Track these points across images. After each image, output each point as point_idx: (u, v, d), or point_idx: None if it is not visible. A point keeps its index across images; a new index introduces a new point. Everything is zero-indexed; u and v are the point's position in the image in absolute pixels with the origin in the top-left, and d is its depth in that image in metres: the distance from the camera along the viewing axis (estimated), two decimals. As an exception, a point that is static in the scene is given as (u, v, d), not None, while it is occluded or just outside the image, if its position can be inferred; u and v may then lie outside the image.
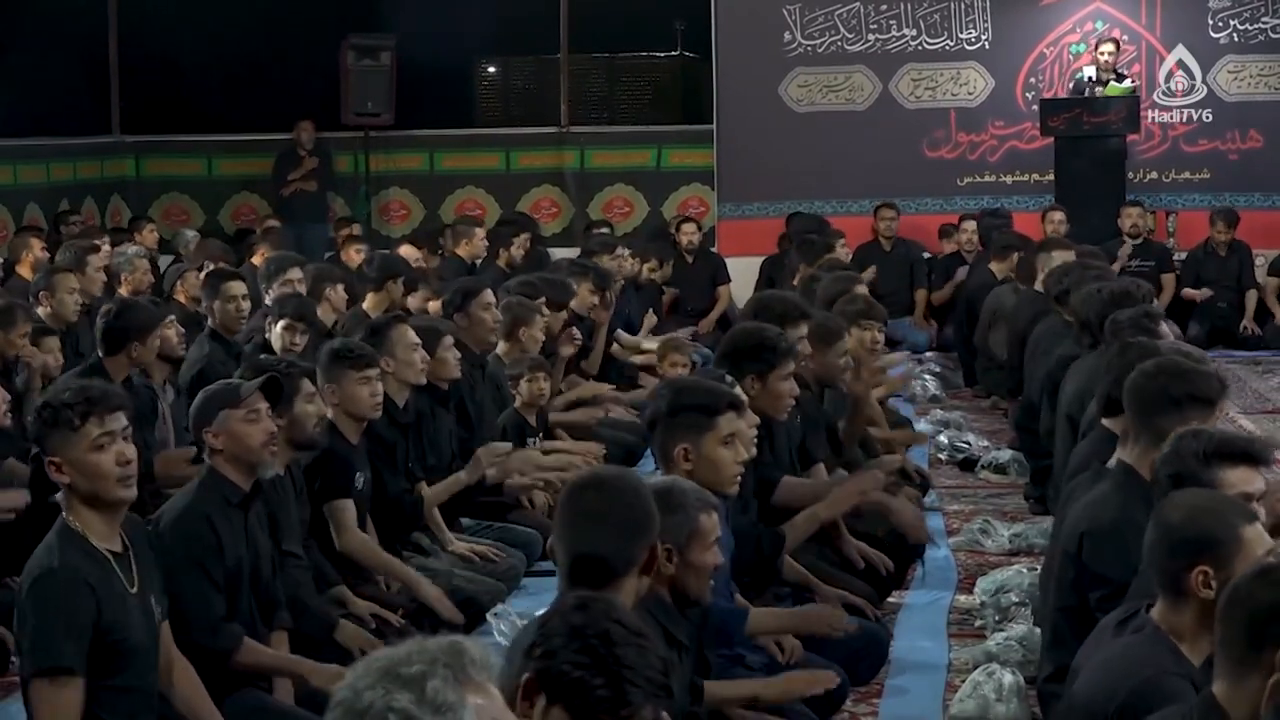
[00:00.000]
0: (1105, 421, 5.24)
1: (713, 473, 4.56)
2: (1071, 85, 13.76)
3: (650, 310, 12.01)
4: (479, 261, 11.77)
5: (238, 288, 7.98)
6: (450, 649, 2.08)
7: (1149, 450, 4.42)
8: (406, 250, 11.41)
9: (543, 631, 2.64)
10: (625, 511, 3.50)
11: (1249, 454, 3.89)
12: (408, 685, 2.03)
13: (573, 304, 9.23)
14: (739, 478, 4.67)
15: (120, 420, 4.05)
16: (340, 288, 8.87)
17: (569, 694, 2.57)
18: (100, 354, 6.92)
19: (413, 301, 9.42)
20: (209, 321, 8.01)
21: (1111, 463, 4.69)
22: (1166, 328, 6.16)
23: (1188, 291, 13.11)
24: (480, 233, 11.95)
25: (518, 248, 11.87)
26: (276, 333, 7.65)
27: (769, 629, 4.86)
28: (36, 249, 10.55)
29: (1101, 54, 13.46)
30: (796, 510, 5.64)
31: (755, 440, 5.03)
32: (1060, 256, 9.11)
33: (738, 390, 5.15)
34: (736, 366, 5.61)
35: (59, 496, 4.06)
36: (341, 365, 5.90)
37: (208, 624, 4.54)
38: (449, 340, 6.87)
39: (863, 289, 8.22)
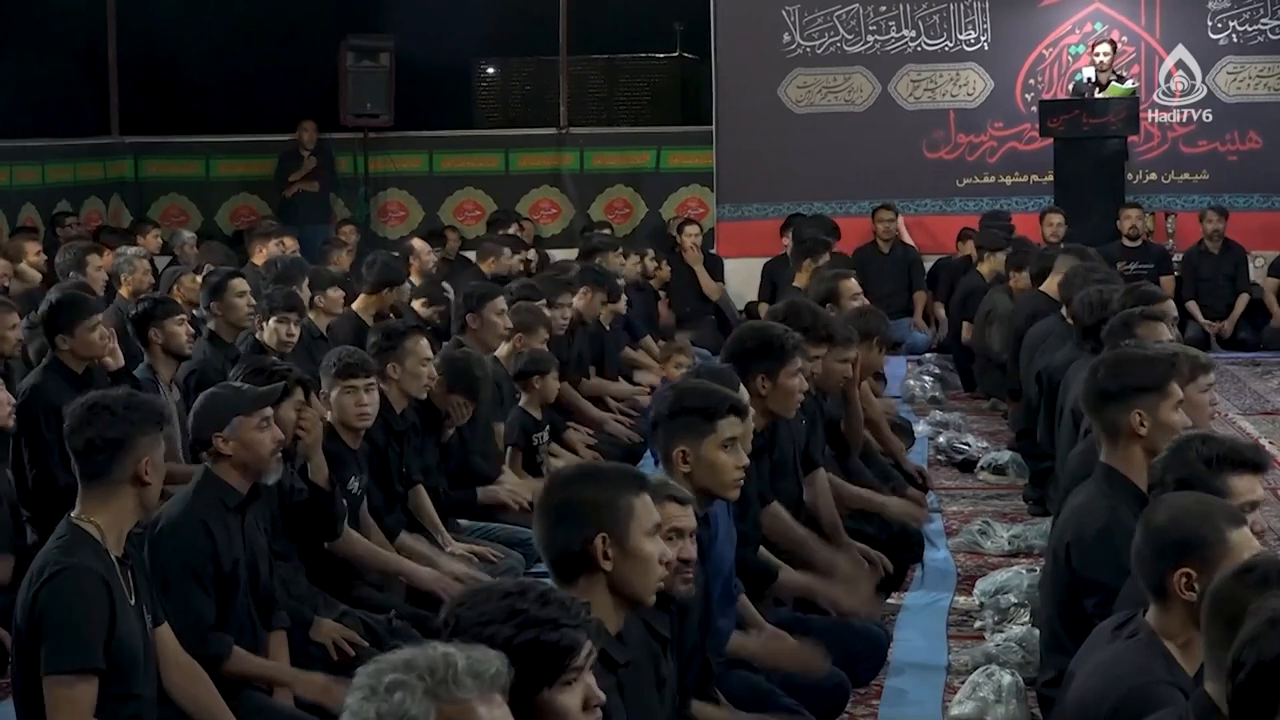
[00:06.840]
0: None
1: (712, 476, 4.49)
2: (1071, 87, 13.77)
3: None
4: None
5: (240, 285, 8.02)
6: (438, 663, 2.18)
7: (1123, 447, 4.45)
8: (419, 244, 11.34)
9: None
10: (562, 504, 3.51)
11: (1255, 462, 3.89)
12: (375, 698, 2.19)
13: (580, 307, 9.25)
14: (740, 482, 4.58)
15: None
16: (335, 290, 8.89)
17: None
18: (51, 350, 6.86)
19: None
20: (206, 324, 8.01)
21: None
22: (1166, 329, 6.13)
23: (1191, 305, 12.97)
24: (508, 252, 11.17)
25: (519, 259, 11.80)
26: (270, 328, 7.71)
27: (746, 655, 4.79)
28: (30, 253, 10.51)
29: (1098, 55, 13.46)
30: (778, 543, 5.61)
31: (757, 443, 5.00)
32: (1068, 259, 9.10)
33: (743, 392, 5.09)
34: (746, 366, 5.51)
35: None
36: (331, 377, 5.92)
37: (197, 632, 4.50)
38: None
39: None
